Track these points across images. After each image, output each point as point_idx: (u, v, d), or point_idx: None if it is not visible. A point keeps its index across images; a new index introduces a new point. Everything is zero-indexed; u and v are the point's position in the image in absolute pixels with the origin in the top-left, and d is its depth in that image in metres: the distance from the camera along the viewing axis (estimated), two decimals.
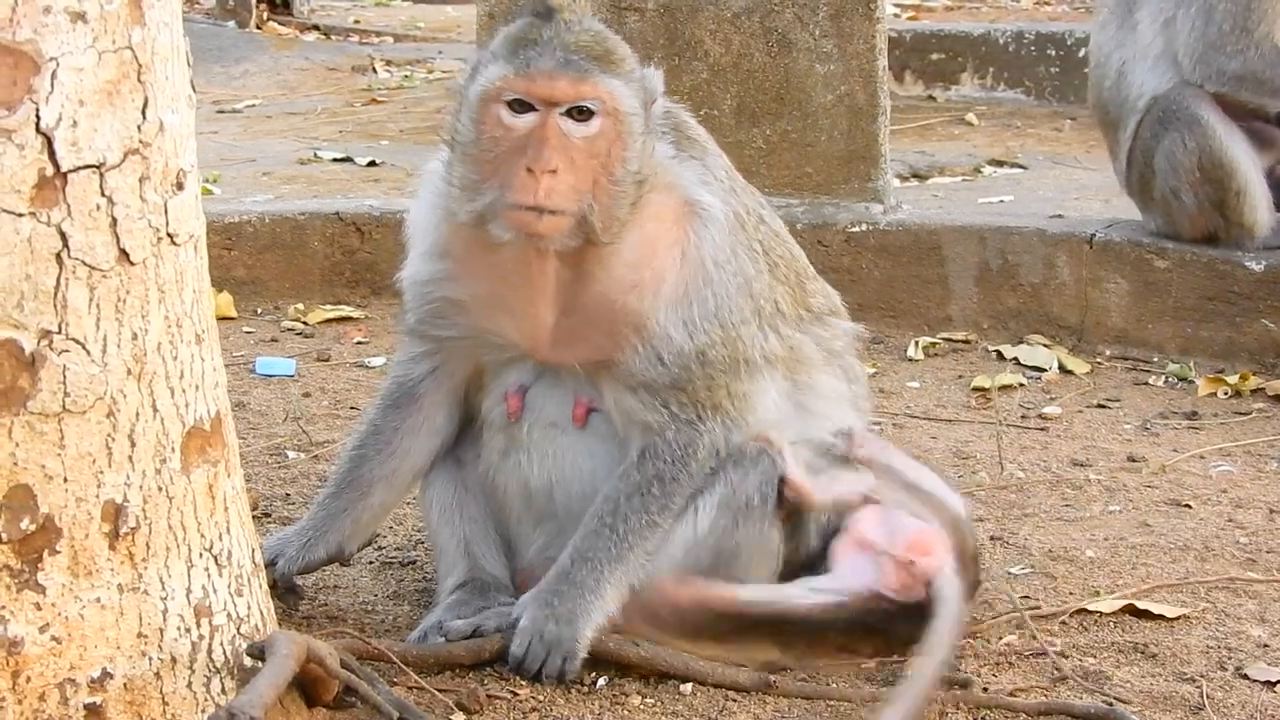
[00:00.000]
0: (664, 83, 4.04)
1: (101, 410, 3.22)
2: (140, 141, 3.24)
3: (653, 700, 3.85)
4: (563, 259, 3.92)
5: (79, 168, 3.15)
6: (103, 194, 3.19)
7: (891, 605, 4.02)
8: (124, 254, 3.23)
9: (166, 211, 3.31)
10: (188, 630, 3.37)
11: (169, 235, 3.32)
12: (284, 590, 4.23)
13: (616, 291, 3.95)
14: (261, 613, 3.58)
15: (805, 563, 4.14)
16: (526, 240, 3.86)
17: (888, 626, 4.04)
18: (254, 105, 12.43)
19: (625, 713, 3.80)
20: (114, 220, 3.21)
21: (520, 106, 3.85)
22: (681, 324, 3.97)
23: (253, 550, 3.58)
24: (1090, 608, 4.38)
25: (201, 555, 3.40)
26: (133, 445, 3.27)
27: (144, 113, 3.25)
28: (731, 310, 4.02)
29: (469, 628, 3.98)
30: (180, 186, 3.34)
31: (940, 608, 3.94)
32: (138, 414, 3.27)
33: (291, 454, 5.59)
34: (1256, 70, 6.59)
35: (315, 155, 9.89)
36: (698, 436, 4.00)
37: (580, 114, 3.85)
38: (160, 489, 3.32)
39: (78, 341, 3.18)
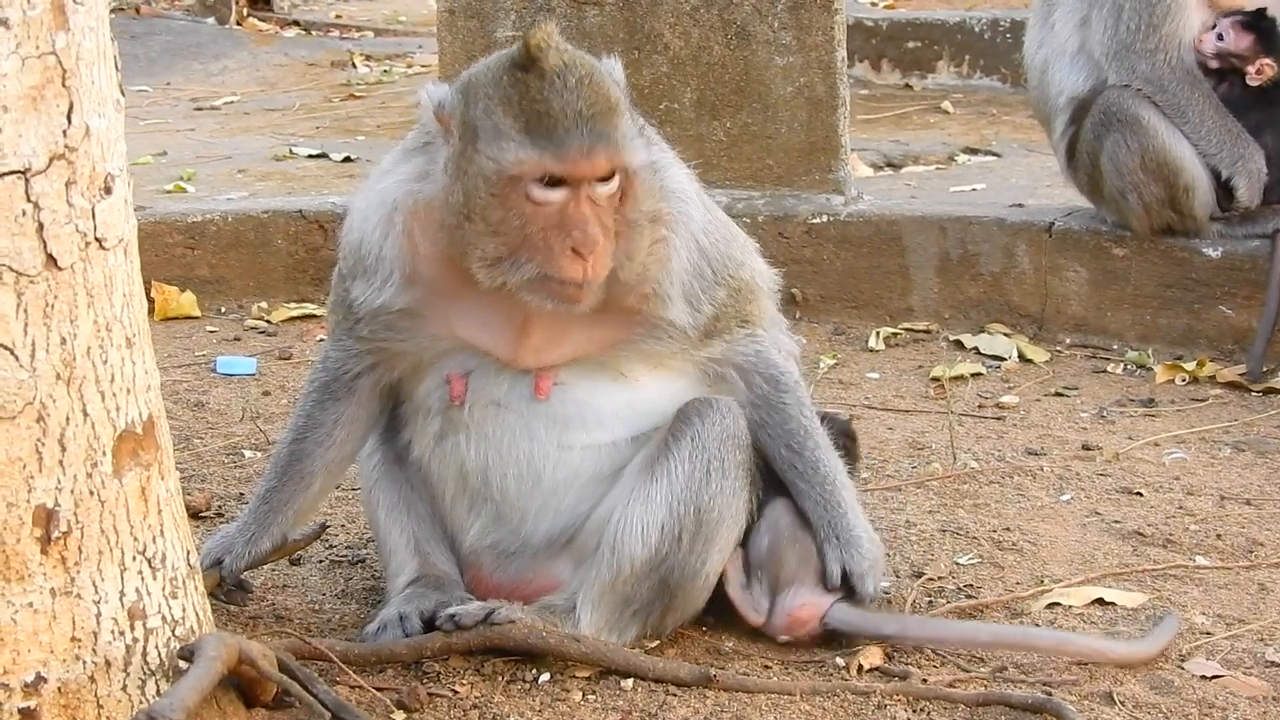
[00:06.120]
0: (624, 77, 4.00)
1: (31, 415, 3.23)
2: (66, 146, 3.24)
3: (594, 696, 3.85)
4: None
5: (3, 174, 3.14)
6: (28, 199, 3.19)
7: None
8: (51, 259, 3.24)
9: (94, 216, 3.31)
10: (121, 633, 3.37)
11: (97, 240, 3.32)
12: (232, 587, 4.25)
13: (616, 296, 3.97)
14: (197, 614, 3.58)
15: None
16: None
17: None
18: (232, 102, 12.43)
19: (567, 709, 3.80)
20: (40, 225, 3.22)
21: (552, 182, 3.81)
22: (689, 302, 4.03)
23: (188, 552, 3.58)
24: (1035, 597, 4.40)
25: (135, 558, 3.41)
26: (63, 450, 3.27)
27: (69, 118, 3.24)
28: (729, 261, 4.10)
29: (482, 612, 3.94)
30: (108, 190, 3.34)
31: (854, 625, 4.13)
32: (68, 418, 3.28)
33: (248, 453, 5.61)
34: (1163, 77, 6.56)
35: (291, 152, 9.89)
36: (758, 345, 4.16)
37: (605, 178, 3.85)
38: (92, 493, 3.32)
39: (6, 347, 3.17)
